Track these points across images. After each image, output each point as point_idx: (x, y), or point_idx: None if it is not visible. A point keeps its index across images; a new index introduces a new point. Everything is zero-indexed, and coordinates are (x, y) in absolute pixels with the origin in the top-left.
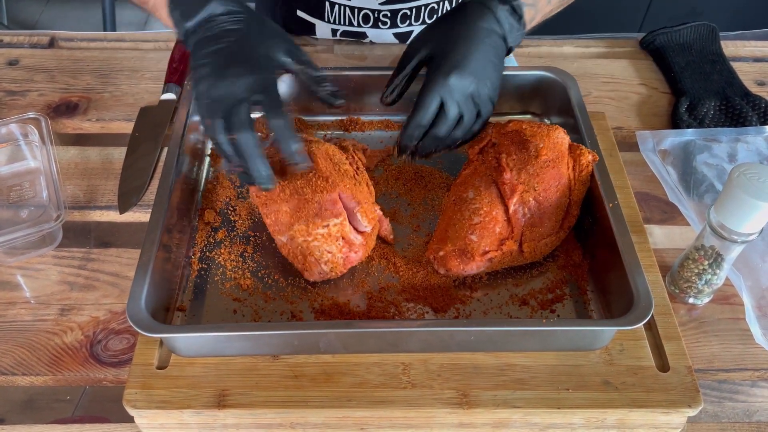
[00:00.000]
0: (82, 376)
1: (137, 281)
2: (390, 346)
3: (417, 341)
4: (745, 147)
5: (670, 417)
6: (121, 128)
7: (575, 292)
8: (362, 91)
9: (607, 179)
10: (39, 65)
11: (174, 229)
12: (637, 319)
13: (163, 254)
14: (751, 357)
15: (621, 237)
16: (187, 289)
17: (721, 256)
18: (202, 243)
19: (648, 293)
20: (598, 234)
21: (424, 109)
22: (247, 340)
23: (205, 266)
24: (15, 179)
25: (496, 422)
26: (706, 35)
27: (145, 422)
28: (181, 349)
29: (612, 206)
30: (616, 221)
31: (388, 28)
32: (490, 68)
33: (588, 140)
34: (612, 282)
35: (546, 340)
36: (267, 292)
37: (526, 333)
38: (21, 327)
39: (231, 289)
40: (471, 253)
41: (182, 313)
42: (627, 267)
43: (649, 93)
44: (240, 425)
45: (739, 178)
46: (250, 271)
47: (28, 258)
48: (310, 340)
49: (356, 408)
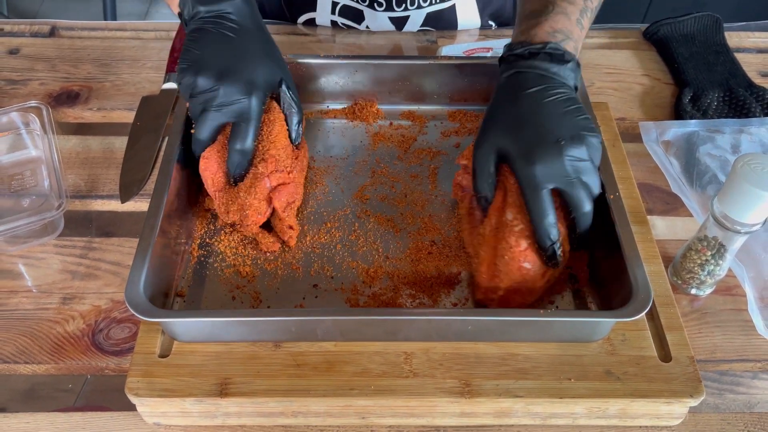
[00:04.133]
0: (83, 365)
1: (136, 266)
2: (387, 335)
3: (415, 330)
4: (748, 138)
5: (672, 407)
6: (123, 117)
7: (575, 283)
8: (364, 79)
9: (609, 170)
10: (40, 54)
11: (174, 216)
12: (636, 311)
13: (162, 240)
14: (753, 348)
15: (621, 228)
16: (186, 275)
17: (723, 246)
18: (202, 230)
19: (647, 285)
20: (598, 225)
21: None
22: (244, 326)
23: (205, 253)
24: (16, 168)
25: (498, 412)
26: (710, 26)
27: (147, 410)
28: (179, 334)
29: (613, 197)
30: (617, 212)
31: (384, 10)
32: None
33: None
34: (612, 274)
35: (543, 331)
36: (266, 280)
37: (523, 323)
38: (23, 315)
39: (230, 275)
40: (532, 283)
41: (181, 298)
42: (627, 259)
43: (652, 84)
44: (242, 414)
45: (743, 168)
46: (250, 258)
47: (30, 247)
48: (307, 327)
49: (358, 397)
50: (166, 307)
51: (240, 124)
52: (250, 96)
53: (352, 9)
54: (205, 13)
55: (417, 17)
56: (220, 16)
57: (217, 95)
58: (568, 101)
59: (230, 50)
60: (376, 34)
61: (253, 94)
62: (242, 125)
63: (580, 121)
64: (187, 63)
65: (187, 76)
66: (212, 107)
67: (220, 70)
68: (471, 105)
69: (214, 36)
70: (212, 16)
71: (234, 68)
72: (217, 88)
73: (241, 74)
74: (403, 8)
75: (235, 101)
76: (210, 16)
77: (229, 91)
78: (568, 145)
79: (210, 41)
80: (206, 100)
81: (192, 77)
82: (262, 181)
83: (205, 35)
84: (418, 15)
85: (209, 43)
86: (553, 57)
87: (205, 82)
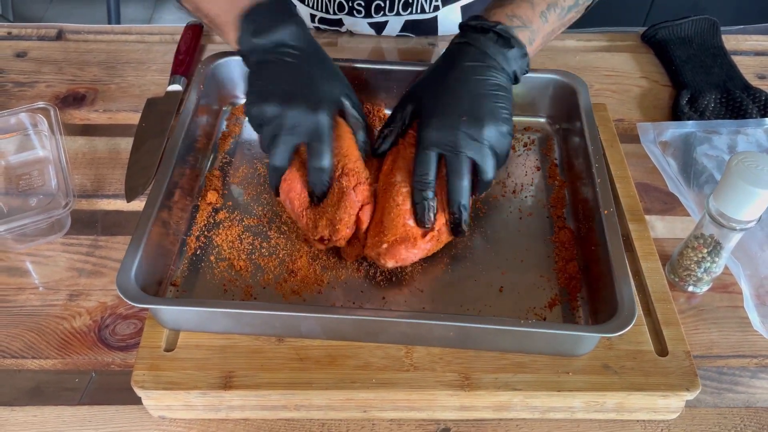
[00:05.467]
0: (90, 360)
1: (129, 253)
2: (368, 336)
3: (395, 333)
4: (745, 139)
5: (668, 400)
6: (128, 119)
7: (566, 297)
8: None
9: (605, 186)
10: (47, 57)
11: (174, 207)
12: (618, 327)
13: (159, 230)
14: (749, 344)
15: (612, 245)
16: (182, 265)
17: (720, 244)
18: (202, 222)
19: (633, 303)
20: (591, 240)
21: (418, 165)
22: (229, 317)
23: (202, 245)
24: (24, 168)
25: (497, 405)
26: (707, 29)
27: (152, 404)
28: (167, 321)
29: (607, 213)
30: (610, 229)
31: (363, 17)
32: (484, 106)
33: (591, 146)
34: (601, 289)
35: (525, 342)
36: (259, 275)
37: (504, 332)
38: (30, 312)
39: (224, 268)
40: (413, 238)
41: (175, 288)
42: (615, 276)
43: (650, 86)
44: (245, 407)
45: (737, 166)
46: (245, 253)
47: (37, 245)
48: (289, 323)
49: (359, 390)
50: (158, 296)
51: (313, 144)
52: (317, 114)
53: (329, 20)
54: (262, 45)
55: (395, 23)
56: (278, 44)
57: (285, 119)
58: (494, 86)
59: (291, 75)
60: (381, 38)
61: (320, 112)
62: (315, 144)
63: (494, 106)
64: (252, 97)
65: (254, 108)
66: (283, 131)
67: (285, 95)
68: None
69: (273, 65)
70: (270, 47)
71: (297, 91)
72: (284, 112)
73: (305, 95)
74: (381, 14)
75: (304, 121)
76: (268, 47)
77: (296, 113)
78: (468, 123)
79: (271, 71)
80: (276, 126)
81: (258, 107)
82: (349, 195)
83: (265, 67)
84: (397, 21)
85: (270, 73)
86: (499, 38)
87: (271, 109)
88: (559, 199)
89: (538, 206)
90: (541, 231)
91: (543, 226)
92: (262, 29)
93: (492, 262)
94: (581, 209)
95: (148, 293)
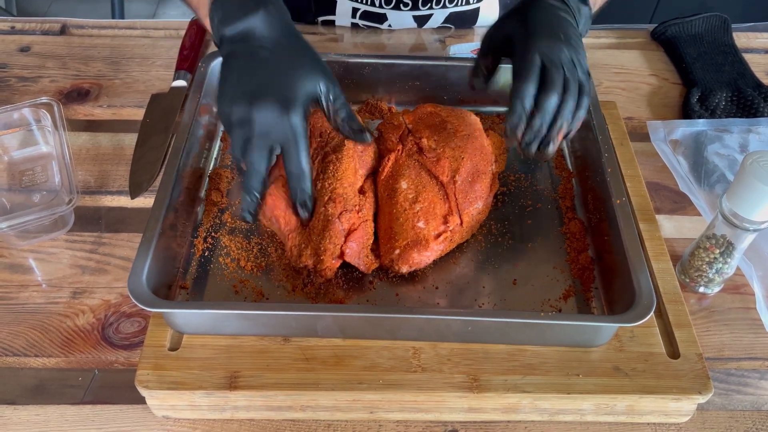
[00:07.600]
0: (93, 358)
1: (140, 257)
2: (387, 333)
3: (414, 329)
4: (756, 137)
5: (680, 404)
6: (132, 115)
7: (579, 288)
8: (377, 79)
9: (616, 175)
10: (51, 52)
11: (180, 209)
12: (638, 316)
13: (167, 232)
14: (762, 346)
15: (626, 234)
16: (190, 267)
17: (732, 245)
18: (208, 223)
19: (650, 291)
20: (603, 230)
21: (528, 71)
22: (244, 319)
23: (210, 246)
24: (28, 164)
25: (506, 407)
26: (717, 26)
27: (156, 403)
28: (179, 325)
29: (620, 202)
30: (623, 218)
31: (410, 9)
32: (579, 40)
33: (599, 136)
34: (616, 279)
35: (544, 334)
36: (269, 275)
37: (523, 325)
38: (33, 309)
39: (234, 269)
40: (425, 240)
41: (185, 290)
42: (631, 264)
43: (660, 84)
44: (250, 407)
45: (752, 166)
46: (253, 253)
47: (41, 242)
48: (305, 323)
49: (366, 391)
50: (169, 299)
51: (287, 147)
52: (288, 114)
53: (373, 13)
54: (230, 34)
55: (439, 16)
56: (246, 34)
57: (253, 123)
58: (575, 29)
59: (261, 69)
60: (393, 33)
61: (291, 112)
62: (289, 149)
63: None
64: (220, 95)
65: (222, 107)
66: (254, 137)
67: (252, 93)
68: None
69: (242, 59)
70: (238, 37)
71: (266, 88)
72: (251, 115)
73: (275, 92)
74: (428, 7)
75: (274, 125)
76: (236, 37)
77: (264, 116)
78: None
79: (240, 65)
80: (245, 130)
81: (226, 107)
82: (334, 223)
83: (233, 61)
84: (441, 14)
85: (239, 68)
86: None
87: (238, 110)
88: (567, 190)
89: (546, 197)
90: (551, 222)
91: (552, 218)
92: (229, 17)
93: (503, 254)
94: (591, 200)
95: (159, 297)
